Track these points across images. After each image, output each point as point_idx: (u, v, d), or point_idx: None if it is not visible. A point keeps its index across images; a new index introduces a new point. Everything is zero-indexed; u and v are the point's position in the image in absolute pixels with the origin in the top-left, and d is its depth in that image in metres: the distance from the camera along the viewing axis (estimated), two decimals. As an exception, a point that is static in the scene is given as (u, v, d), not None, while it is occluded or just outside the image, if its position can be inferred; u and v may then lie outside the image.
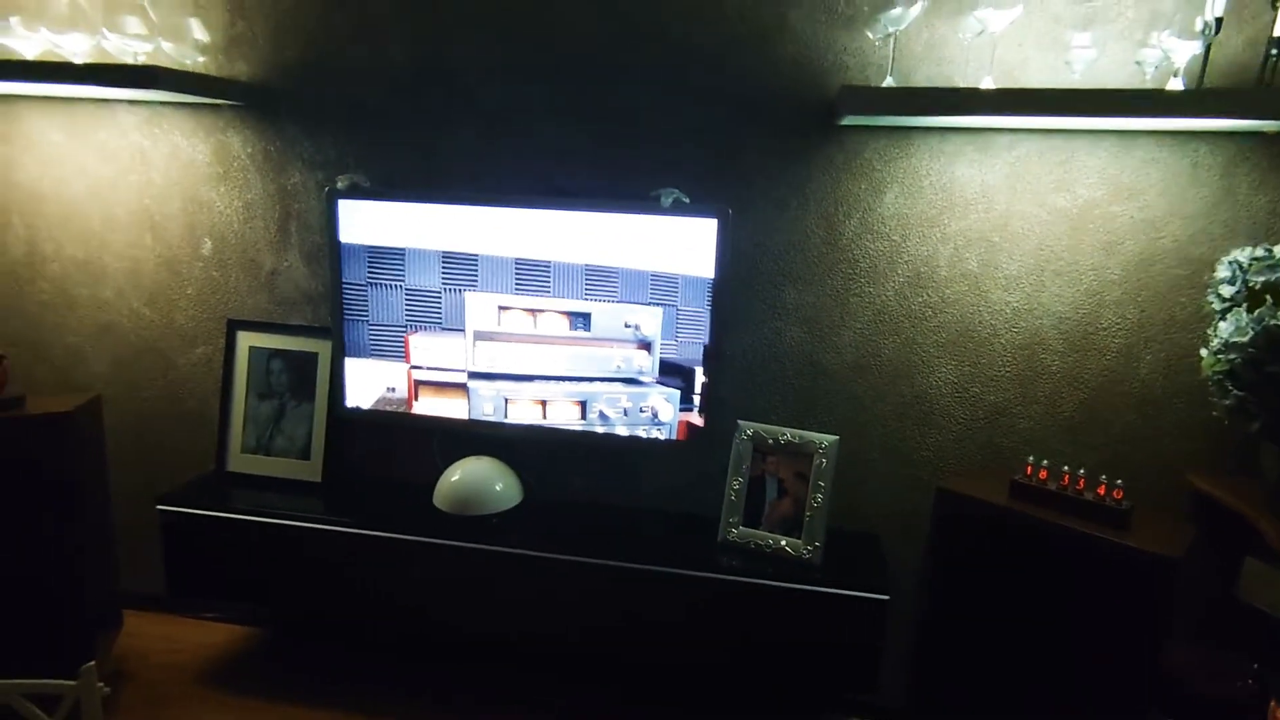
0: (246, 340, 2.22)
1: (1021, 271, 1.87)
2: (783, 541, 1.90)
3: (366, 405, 2.11)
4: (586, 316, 1.97)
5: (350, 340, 2.08)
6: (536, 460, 2.17)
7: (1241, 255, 1.60)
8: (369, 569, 2.01)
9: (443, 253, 1.99)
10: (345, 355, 2.09)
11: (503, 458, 2.14)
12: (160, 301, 2.30)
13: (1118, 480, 1.66)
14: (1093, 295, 1.85)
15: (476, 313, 2.01)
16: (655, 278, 1.92)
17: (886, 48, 1.77)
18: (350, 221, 2.02)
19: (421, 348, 2.05)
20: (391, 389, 2.09)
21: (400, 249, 2.01)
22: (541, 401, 2.04)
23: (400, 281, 2.02)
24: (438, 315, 2.02)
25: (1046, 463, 1.74)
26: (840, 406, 2.03)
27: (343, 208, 2.01)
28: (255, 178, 2.18)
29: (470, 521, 2.02)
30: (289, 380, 2.22)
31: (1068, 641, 1.67)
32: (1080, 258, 1.84)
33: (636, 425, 2.00)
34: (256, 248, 2.23)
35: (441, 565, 1.97)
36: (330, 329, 2.13)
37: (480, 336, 2.02)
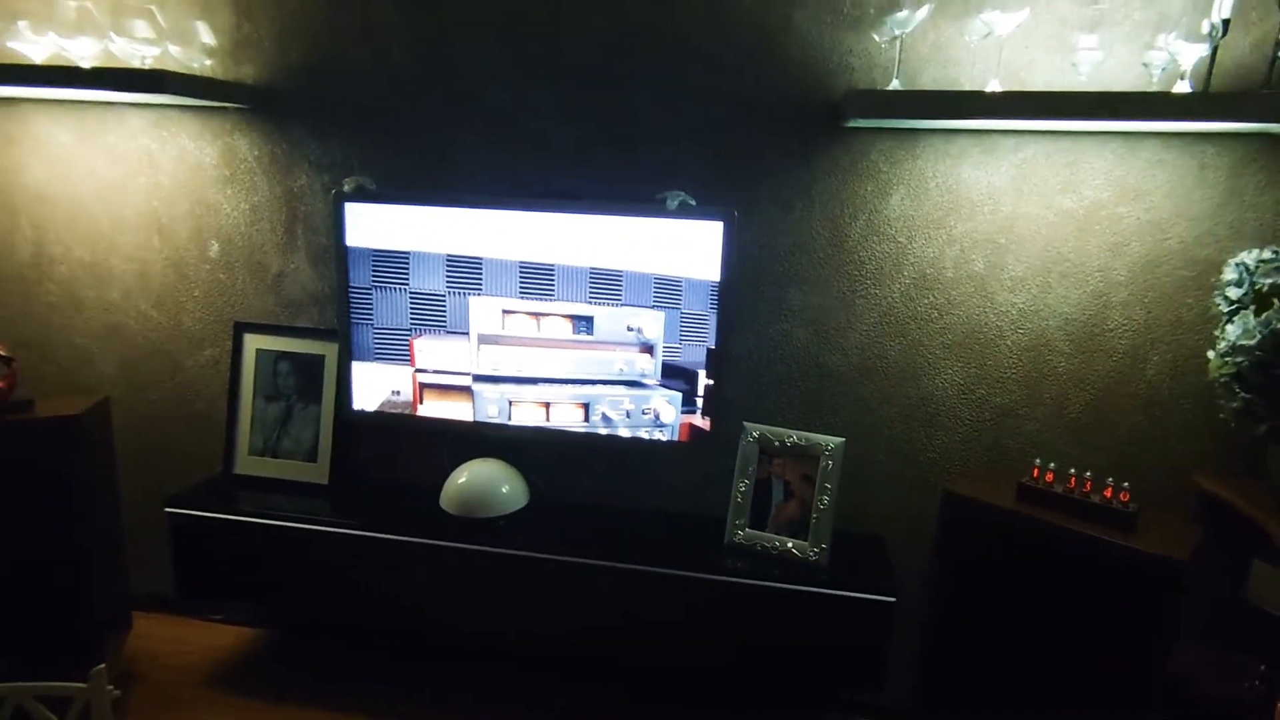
0: (253, 343, 2.23)
1: (1028, 273, 1.87)
2: (789, 543, 1.90)
3: (371, 408, 2.12)
4: (589, 320, 1.97)
5: (355, 344, 2.09)
6: (542, 462, 2.17)
7: (1249, 257, 1.60)
8: (377, 571, 2.02)
9: (447, 256, 1.99)
10: (351, 358, 2.10)
11: (508, 459, 2.14)
12: (167, 303, 2.31)
13: (1124, 483, 1.65)
14: (1099, 296, 1.85)
15: (481, 317, 2.02)
16: (659, 280, 1.92)
17: (892, 50, 1.77)
18: (356, 224, 2.02)
19: (426, 351, 2.06)
20: (396, 392, 2.10)
21: (405, 252, 2.01)
22: (545, 404, 2.04)
23: (405, 285, 2.03)
24: (442, 319, 2.03)
25: (1053, 465, 1.73)
26: (846, 408, 2.03)
27: (349, 211, 2.01)
28: (262, 180, 2.19)
29: (477, 524, 2.03)
30: (296, 382, 2.23)
31: (1075, 644, 1.67)
32: (1087, 259, 1.84)
33: (638, 427, 2.01)
34: (263, 250, 2.23)
35: (450, 568, 1.97)
36: (337, 331, 2.13)
37: (484, 340, 2.03)
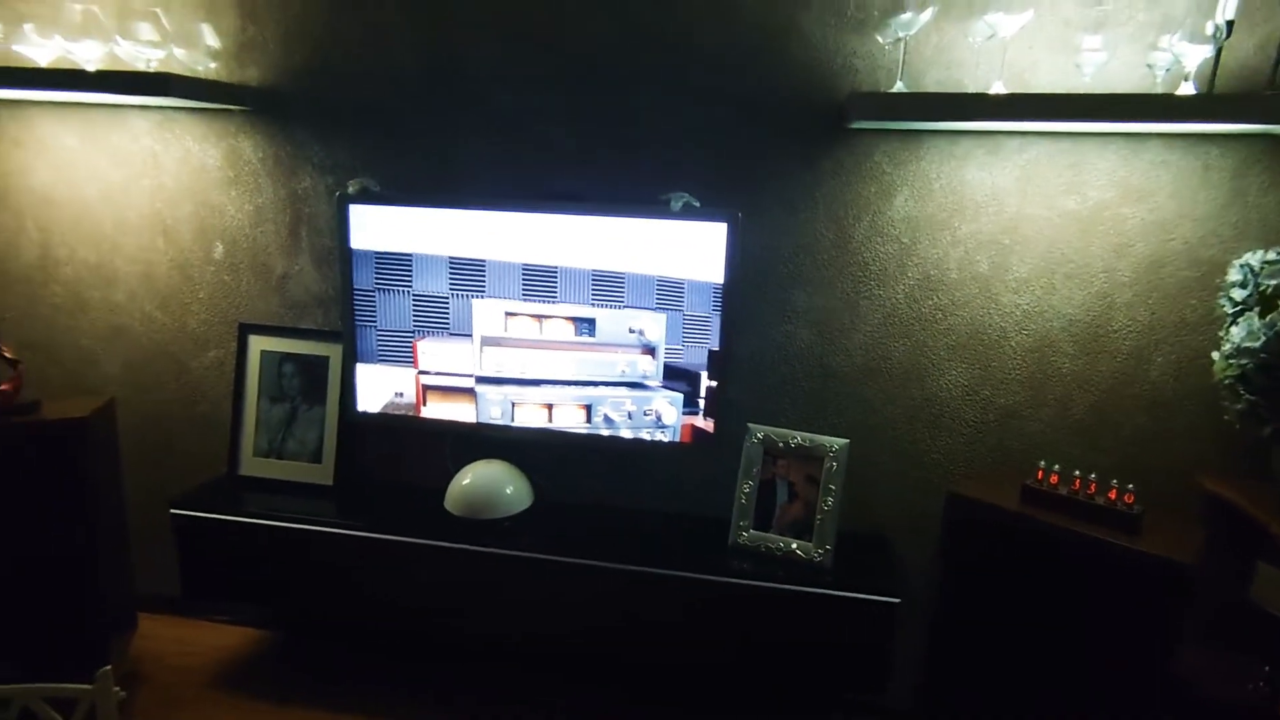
0: (258, 344, 2.23)
1: (1032, 274, 1.87)
2: (793, 544, 1.91)
3: (375, 410, 2.12)
4: (591, 322, 1.98)
5: (359, 345, 2.09)
6: (545, 463, 2.17)
7: (1253, 258, 1.60)
8: (382, 572, 2.02)
9: (450, 258, 2.00)
10: (355, 360, 2.10)
11: (511, 460, 2.14)
12: (172, 305, 2.32)
13: (1129, 485, 1.65)
14: (1103, 297, 1.85)
15: (484, 319, 2.02)
16: (661, 282, 1.92)
17: (896, 51, 1.77)
18: (359, 226, 2.02)
19: (430, 353, 2.06)
20: (400, 394, 2.10)
21: (408, 254, 2.02)
22: (548, 405, 2.04)
23: (408, 287, 2.03)
24: (445, 321, 2.03)
25: (1058, 467, 1.73)
26: (850, 409, 2.03)
27: (353, 213, 2.01)
28: (266, 182, 2.19)
29: (481, 525, 2.03)
30: (300, 384, 2.23)
31: (1079, 646, 1.67)
32: (1090, 260, 1.84)
33: (640, 428, 2.01)
34: (268, 252, 2.24)
35: (455, 569, 1.97)
36: (341, 333, 2.14)
37: (487, 342, 2.03)
